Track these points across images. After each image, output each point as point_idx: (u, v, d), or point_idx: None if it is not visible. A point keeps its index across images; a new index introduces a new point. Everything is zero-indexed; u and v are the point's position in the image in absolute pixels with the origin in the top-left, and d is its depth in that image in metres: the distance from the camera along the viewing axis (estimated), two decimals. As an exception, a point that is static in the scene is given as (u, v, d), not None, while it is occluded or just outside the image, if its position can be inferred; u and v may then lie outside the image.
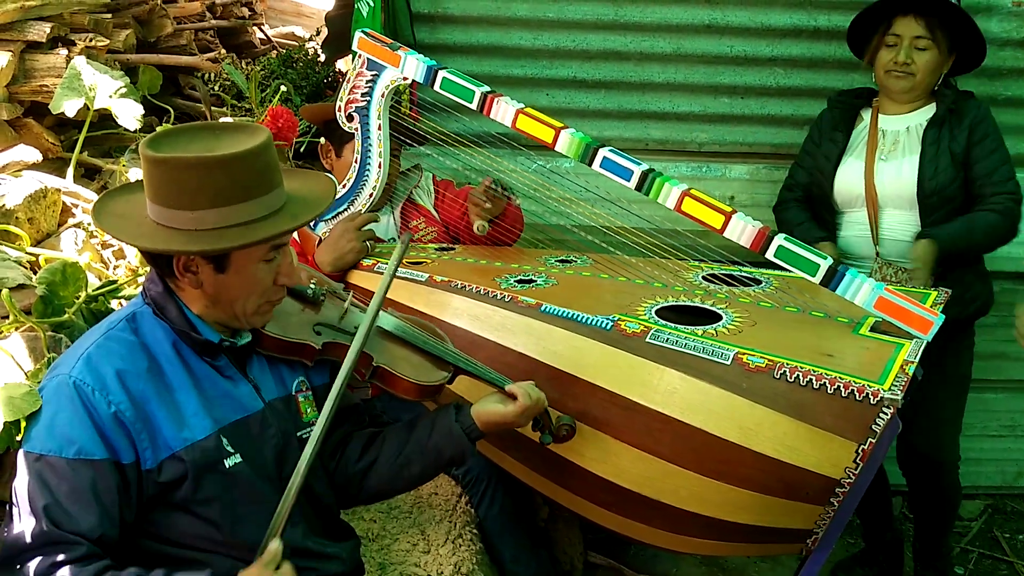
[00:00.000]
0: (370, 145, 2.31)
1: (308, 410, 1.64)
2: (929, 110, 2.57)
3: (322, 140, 2.59)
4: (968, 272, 2.59)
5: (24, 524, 1.32)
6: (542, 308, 1.93)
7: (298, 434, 1.59)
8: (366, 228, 2.29)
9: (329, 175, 2.34)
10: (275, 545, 1.33)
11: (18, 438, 1.43)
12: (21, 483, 1.34)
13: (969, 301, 2.58)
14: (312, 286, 1.70)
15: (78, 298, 1.81)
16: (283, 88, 2.95)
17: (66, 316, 1.77)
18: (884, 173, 2.55)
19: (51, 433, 1.35)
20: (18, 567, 1.31)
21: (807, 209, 2.71)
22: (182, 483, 1.42)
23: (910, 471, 2.82)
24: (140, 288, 1.56)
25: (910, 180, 2.51)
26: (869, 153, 2.58)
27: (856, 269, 2.51)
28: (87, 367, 1.39)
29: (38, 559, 1.30)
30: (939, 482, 2.78)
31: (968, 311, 2.61)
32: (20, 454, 1.37)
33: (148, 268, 1.52)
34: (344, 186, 2.36)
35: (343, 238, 2.25)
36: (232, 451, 1.47)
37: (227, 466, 1.46)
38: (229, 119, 3.07)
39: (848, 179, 2.60)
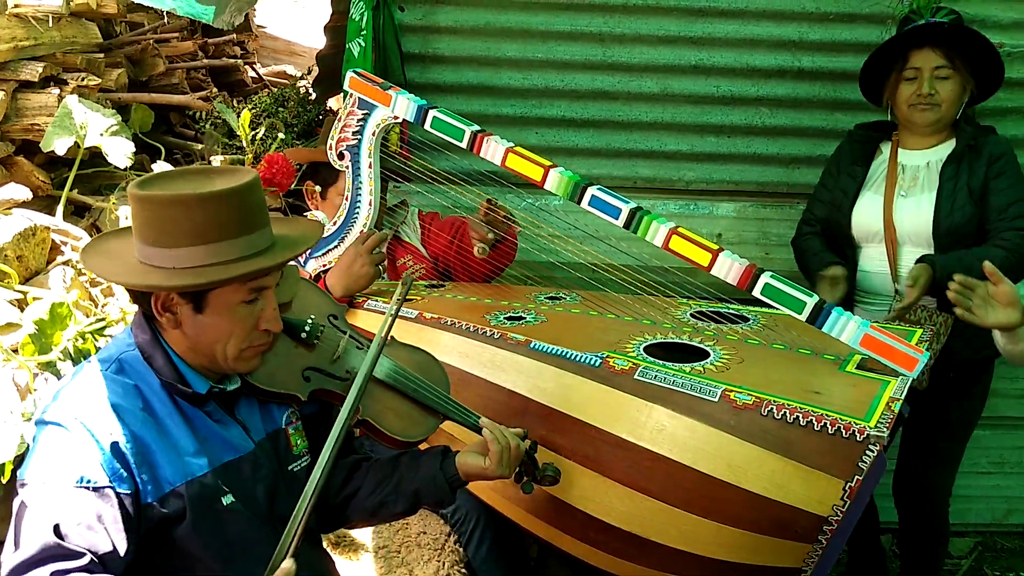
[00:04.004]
0: (360, 183, 2.33)
1: (298, 441, 1.63)
2: (949, 145, 2.48)
3: (308, 183, 2.59)
4: None
5: (29, 543, 1.28)
6: (531, 345, 1.93)
7: (289, 467, 1.59)
8: (376, 251, 2.26)
9: (318, 218, 2.35)
10: (288, 564, 1.32)
11: (2, 480, 1.42)
12: (24, 512, 1.31)
13: (981, 346, 2.33)
14: (310, 321, 1.65)
15: (66, 337, 1.81)
16: (280, 136, 2.96)
17: (54, 354, 1.77)
18: (903, 210, 2.47)
19: (53, 463, 1.34)
20: None
21: (824, 240, 2.62)
22: (182, 519, 1.41)
23: (902, 502, 2.79)
24: (126, 330, 1.54)
25: (927, 217, 2.43)
26: (888, 188, 2.49)
27: (876, 305, 2.52)
28: (82, 403, 1.38)
29: (42, 569, 1.25)
30: (928, 519, 2.75)
31: (980, 355, 2.46)
32: (21, 488, 1.35)
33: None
34: (335, 223, 2.37)
35: (356, 262, 2.23)
36: (227, 490, 1.46)
37: (224, 504, 1.45)
38: (220, 157, 3.09)
39: (866, 214, 2.52)
